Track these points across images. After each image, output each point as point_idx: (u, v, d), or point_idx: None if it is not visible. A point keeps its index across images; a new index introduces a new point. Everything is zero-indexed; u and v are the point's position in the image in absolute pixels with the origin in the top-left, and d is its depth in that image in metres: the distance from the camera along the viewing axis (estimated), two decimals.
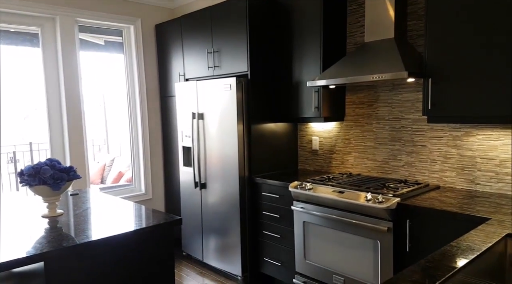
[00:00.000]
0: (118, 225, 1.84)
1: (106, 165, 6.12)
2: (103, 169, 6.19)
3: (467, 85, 2.09)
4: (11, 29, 3.50)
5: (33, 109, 3.59)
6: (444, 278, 1.16)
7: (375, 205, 2.18)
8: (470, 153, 2.40)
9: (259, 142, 3.19)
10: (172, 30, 3.89)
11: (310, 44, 2.93)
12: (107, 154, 6.93)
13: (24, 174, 1.99)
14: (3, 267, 1.42)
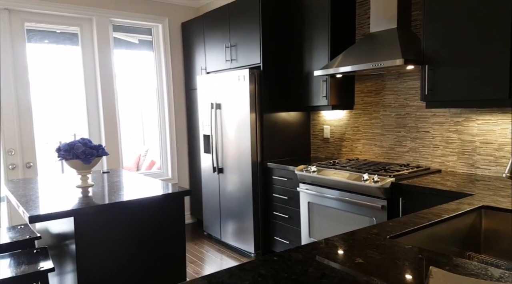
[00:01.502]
0: (138, 193, 2.13)
1: (141, 155, 6.58)
2: (138, 158, 6.66)
3: (461, 71, 2.20)
4: (57, 31, 3.92)
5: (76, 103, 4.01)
6: (398, 233, 1.33)
7: (371, 185, 2.33)
8: (470, 138, 2.49)
9: (271, 130, 3.40)
10: (196, 28, 4.18)
11: (319, 36, 3.10)
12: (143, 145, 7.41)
13: (61, 149, 2.33)
14: (45, 218, 1.74)
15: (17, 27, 3.59)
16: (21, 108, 3.63)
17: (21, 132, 3.65)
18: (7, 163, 3.59)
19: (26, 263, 1.99)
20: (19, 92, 3.61)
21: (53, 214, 1.75)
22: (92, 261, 1.93)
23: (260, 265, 1.05)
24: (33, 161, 3.72)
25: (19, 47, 3.61)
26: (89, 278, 1.93)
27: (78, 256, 1.89)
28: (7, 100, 3.55)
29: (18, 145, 3.63)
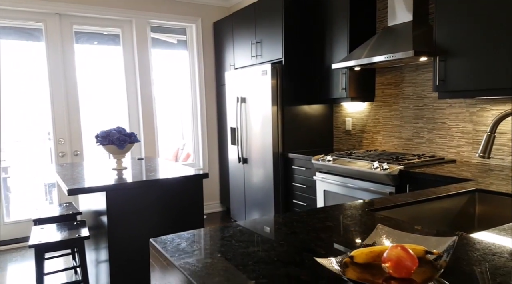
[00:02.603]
0: (163, 174, 2.38)
1: (179, 148, 7.04)
2: (177, 151, 7.13)
3: (471, 61, 2.23)
4: (105, 32, 4.32)
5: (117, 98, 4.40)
6: (378, 207, 1.46)
7: (380, 172, 2.43)
8: (484, 128, 2.50)
9: (293, 122, 3.54)
10: (226, 26, 4.41)
11: (339, 30, 3.21)
12: (181, 140, 7.89)
13: (99, 136, 2.64)
14: (80, 191, 2.03)
15: (66, 30, 4.01)
16: (70, 102, 4.06)
17: (70, 123, 4.07)
18: (57, 151, 4.03)
19: (68, 231, 2.31)
20: (68, 88, 4.03)
21: (87, 188, 2.04)
22: (121, 232, 2.20)
23: (280, 218, 1.24)
24: (80, 150, 4.14)
25: (68, 48, 4.02)
26: (118, 247, 2.20)
27: (109, 227, 2.17)
28: (58, 95, 3.98)
29: (67, 135, 4.06)
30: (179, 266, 0.96)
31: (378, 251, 0.89)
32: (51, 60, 3.94)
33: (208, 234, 1.19)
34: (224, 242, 1.12)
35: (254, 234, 1.18)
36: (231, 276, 0.89)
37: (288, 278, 0.87)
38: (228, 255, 1.02)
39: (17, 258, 3.57)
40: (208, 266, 0.95)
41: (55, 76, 3.96)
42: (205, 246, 1.09)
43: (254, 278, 0.88)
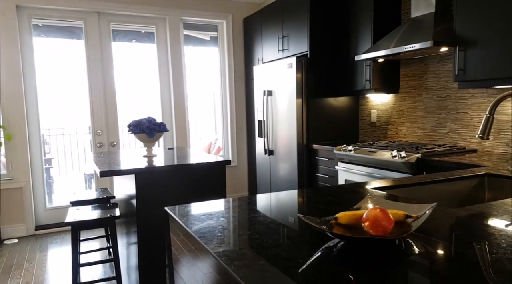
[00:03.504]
0: (189, 161, 2.54)
1: (212, 143, 7.30)
2: (209, 145, 7.41)
3: (490, 50, 2.22)
4: (142, 31, 4.57)
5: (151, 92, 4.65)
6: (383, 186, 1.53)
7: (397, 160, 2.46)
8: (505, 118, 2.47)
9: (317, 114, 3.61)
10: (255, 22, 4.53)
11: (363, 22, 3.24)
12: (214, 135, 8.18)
13: (131, 125, 2.85)
14: (111, 173, 2.23)
15: (104, 27, 4.29)
16: (107, 96, 4.34)
17: (107, 116, 4.36)
18: (95, 141, 4.33)
19: (101, 211, 2.53)
20: (105, 83, 4.32)
21: (117, 170, 2.24)
22: (148, 214, 2.38)
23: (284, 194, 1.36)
24: (116, 141, 4.42)
25: (106, 45, 4.30)
26: (146, 229, 2.39)
27: (138, 210, 2.35)
28: (96, 89, 4.27)
29: (104, 127, 4.35)
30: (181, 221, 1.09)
31: (360, 214, 0.98)
32: (90, 56, 4.24)
33: (216, 204, 1.32)
34: (229, 210, 1.24)
35: (256, 204, 1.30)
36: (229, 234, 1.01)
37: (277, 234, 0.98)
38: (230, 218, 1.14)
39: (57, 241, 3.89)
40: (211, 227, 1.08)
41: (93, 72, 4.25)
42: (211, 213, 1.22)
43: (248, 234, 1.00)
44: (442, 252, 0.85)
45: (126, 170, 2.26)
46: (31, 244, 3.79)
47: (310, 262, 0.80)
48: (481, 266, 0.76)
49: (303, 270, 0.76)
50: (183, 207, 1.31)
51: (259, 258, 0.83)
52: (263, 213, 1.19)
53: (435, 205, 0.98)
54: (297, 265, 0.78)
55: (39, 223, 4.17)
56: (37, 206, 4.16)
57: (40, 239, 3.95)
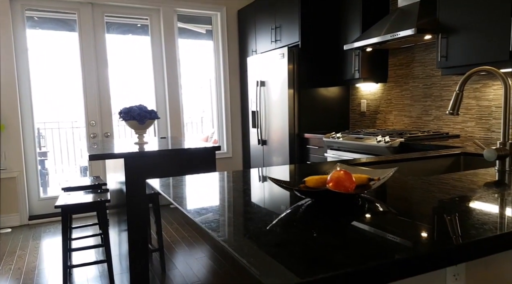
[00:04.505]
0: (180, 146, 2.59)
1: (208, 136, 7.41)
2: (206, 138, 7.52)
3: (470, 38, 2.27)
4: (138, 24, 4.60)
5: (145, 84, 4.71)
6: (365, 162, 1.58)
7: (382, 144, 2.52)
8: (487, 103, 2.53)
9: (309, 104, 3.66)
10: (249, 13, 4.58)
11: (352, 12, 3.29)
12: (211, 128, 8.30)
13: (122, 112, 2.89)
14: (100, 157, 2.28)
15: (98, 19, 4.32)
16: (101, 87, 4.38)
17: (101, 107, 4.40)
18: (89, 132, 4.37)
19: (92, 196, 2.58)
20: (99, 74, 4.36)
21: (106, 154, 2.28)
22: (138, 199, 2.43)
23: (264, 169, 1.41)
24: (110, 132, 4.46)
25: (100, 36, 4.34)
26: (136, 213, 2.44)
27: (128, 195, 2.40)
28: (90, 80, 4.31)
29: (98, 118, 4.39)
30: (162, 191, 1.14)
31: (326, 178, 1.04)
32: (84, 48, 4.27)
33: (197, 177, 1.38)
34: (207, 184, 1.30)
35: (231, 177, 1.36)
36: (201, 199, 1.07)
37: (249, 195, 1.04)
38: (207, 190, 1.20)
39: (50, 230, 3.94)
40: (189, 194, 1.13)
41: (87, 63, 4.29)
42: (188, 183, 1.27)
43: (225, 198, 1.05)
44: (397, 206, 0.90)
45: (115, 154, 2.31)
46: (24, 233, 3.84)
47: (279, 218, 0.85)
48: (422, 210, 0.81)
49: (272, 226, 0.81)
50: (164, 179, 1.36)
51: (237, 219, 0.88)
52: (240, 182, 1.24)
53: (396, 169, 1.04)
54: (271, 221, 0.84)
55: (33, 213, 4.22)
56: (31, 196, 4.21)
57: (34, 228, 4.00)
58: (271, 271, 0.54)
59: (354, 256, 0.58)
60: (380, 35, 2.75)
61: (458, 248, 0.65)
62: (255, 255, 0.61)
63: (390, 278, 0.57)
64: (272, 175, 1.33)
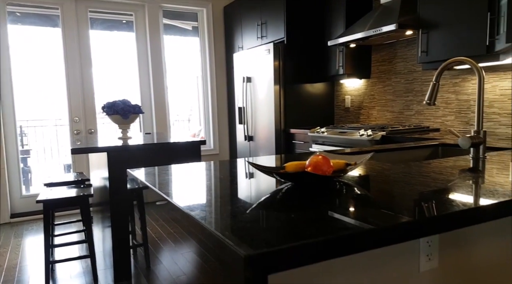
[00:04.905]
0: (164, 141, 2.59)
1: (196, 134, 7.42)
2: (193, 136, 7.52)
3: (449, 33, 2.33)
4: (123, 20, 4.55)
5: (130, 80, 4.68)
6: (344, 152, 1.61)
7: (365, 138, 2.56)
8: (465, 97, 2.59)
9: (294, 100, 3.69)
10: (235, 9, 4.58)
11: (337, 9, 3.33)
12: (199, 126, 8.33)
13: (105, 106, 2.87)
14: (82, 151, 2.26)
15: (82, 14, 4.27)
16: (85, 83, 4.33)
17: (85, 103, 4.35)
18: (72, 128, 4.32)
19: (75, 191, 2.55)
20: (83, 70, 4.31)
21: (88, 148, 2.27)
22: (121, 194, 2.42)
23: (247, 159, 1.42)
24: (94, 128, 4.42)
25: (84, 32, 4.29)
26: (119, 209, 2.43)
27: (111, 188, 2.39)
28: (73, 76, 4.26)
29: (82, 114, 4.34)
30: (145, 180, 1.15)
31: (305, 163, 1.06)
32: (67, 44, 4.21)
33: (179, 166, 1.38)
34: (190, 172, 1.30)
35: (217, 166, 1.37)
36: (183, 186, 1.08)
37: (232, 183, 1.05)
38: (189, 177, 1.20)
39: (33, 228, 3.88)
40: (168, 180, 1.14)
41: (71, 59, 4.24)
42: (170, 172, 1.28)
43: (211, 186, 1.06)
44: (373, 189, 0.93)
45: (98, 147, 2.30)
46: (5, 231, 3.77)
47: (258, 201, 0.87)
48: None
49: (250, 207, 0.83)
50: (145, 168, 1.36)
51: (216, 201, 0.90)
52: (226, 170, 1.25)
53: (372, 154, 1.07)
54: (251, 203, 0.85)
55: (15, 211, 4.15)
56: (13, 194, 4.13)
57: (16, 226, 3.94)
58: (245, 242, 0.55)
59: (326, 229, 0.60)
60: (364, 31, 2.79)
61: (427, 221, 0.68)
62: (231, 230, 0.62)
63: (361, 247, 0.59)
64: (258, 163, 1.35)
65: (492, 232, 1.04)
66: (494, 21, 2.02)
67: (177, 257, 1.23)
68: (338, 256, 0.56)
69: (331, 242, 0.56)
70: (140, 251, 3.11)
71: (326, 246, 0.55)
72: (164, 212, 2.39)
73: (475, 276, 1.03)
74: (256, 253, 0.51)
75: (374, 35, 2.72)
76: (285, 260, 0.52)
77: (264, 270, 0.51)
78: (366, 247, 0.59)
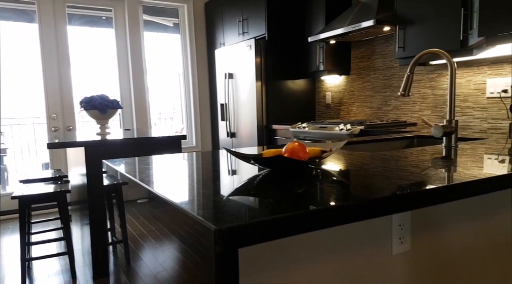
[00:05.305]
0: (143, 135, 2.56)
1: (178, 132, 7.36)
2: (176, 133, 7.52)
3: (425, 28, 2.38)
4: (103, 16, 4.48)
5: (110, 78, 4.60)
6: None
7: (344, 132, 2.60)
8: (441, 92, 2.66)
9: (277, 97, 3.71)
10: (216, 6, 4.57)
11: (317, 5, 3.36)
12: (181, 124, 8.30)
13: (83, 102, 2.82)
14: (59, 146, 2.22)
15: (59, 10, 4.18)
16: (62, 80, 4.24)
17: (62, 100, 4.26)
18: (50, 125, 4.23)
19: (53, 187, 2.50)
20: (61, 67, 4.22)
21: (64, 142, 2.23)
22: (99, 189, 2.39)
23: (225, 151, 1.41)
24: (72, 125, 4.34)
25: (61, 28, 4.20)
26: (97, 205, 2.39)
27: (89, 184, 2.35)
28: (51, 72, 4.17)
29: (59, 111, 4.25)
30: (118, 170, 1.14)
31: (282, 150, 1.07)
32: (44, 39, 4.12)
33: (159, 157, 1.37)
34: (171, 163, 1.30)
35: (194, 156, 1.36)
36: (161, 175, 1.07)
37: (214, 171, 1.05)
38: (169, 168, 1.20)
39: (9, 227, 3.79)
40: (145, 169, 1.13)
41: (48, 55, 4.15)
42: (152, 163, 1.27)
43: (190, 174, 1.06)
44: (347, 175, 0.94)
45: (75, 142, 2.26)
46: None
47: (236, 187, 0.87)
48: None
49: (227, 192, 0.83)
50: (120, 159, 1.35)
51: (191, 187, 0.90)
52: (206, 161, 1.25)
53: (346, 142, 1.09)
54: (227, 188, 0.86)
55: None
56: None
57: None
58: (217, 219, 0.56)
59: (296, 206, 0.61)
60: (343, 27, 2.83)
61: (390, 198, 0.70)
62: (205, 209, 0.62)
63: (329, 223, 0.60)
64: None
65: (463, 216, 1.08)
66: (468, 16, 2.08)
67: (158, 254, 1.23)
68: (307, 230, 0.57)
69: (300, 217, 0.57)
70: (120, 248, 3.07)
71: (295, 221, 0.56)
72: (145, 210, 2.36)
73: (447, 258, 1.06)
74: (226, 226, 0.51)
75: (353, 31, 2.75)
76: (255, 234, 0.53)
77: (235, 244, 0.52)
78: (334, 223, 0.61)
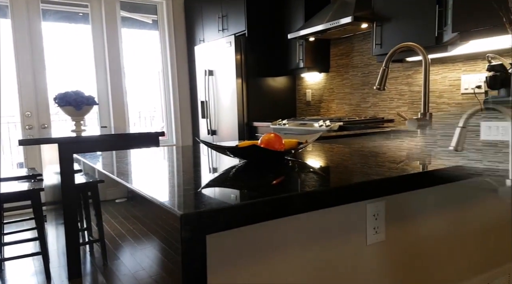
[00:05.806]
0: (119, 132, 2.51)
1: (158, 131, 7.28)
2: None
3: (401, 24, 2.42)
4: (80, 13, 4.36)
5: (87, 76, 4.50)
6: None
7: (323, 128, 2.61)
8: (418, 88, 2.71)
9: (257, 94, 3.70)
10: (195, 2, 4.52)
11: (296, 3, 3.37)
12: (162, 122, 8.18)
13: (57, 98, 2.75)
14: (32, 142, 2.15)
15: (33, 5, 4.06)
16: (37, 77, 4.12)
17: (37, 97, 4.14)
18: (24, 123, 4.10)
19: (27, 185, 2.42)
20: (34, 63, 4.10)
21: (37, 139, 2.16)
22: (74, 186, 2.32)
23: None
24: (47, 123, 4.22)
25: (35, 24, 4.08)
26: (71, 205, 2.33)
27: (63, 182, 2.29)
28: (24, 69, 4.04)
29: (34, 108, 4.13)
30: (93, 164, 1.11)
31: (257, 142, 1.06)
32: (17, 35, 3.99)
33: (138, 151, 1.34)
34: (147, 157, 1.27)
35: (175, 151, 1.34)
36: (133, 168, 1.05)
37: (189, 163, 1.03)
38: (144, 162, 1.17)
39: None
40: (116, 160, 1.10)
41: (21, 51, 4.02)
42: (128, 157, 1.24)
43: (165, 166, 1.04)
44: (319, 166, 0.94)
45: (48, 138, 2.19)
46: None
47: (211, 178, 0.86)
48: None
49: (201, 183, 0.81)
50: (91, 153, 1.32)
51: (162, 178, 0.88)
52: (186, 155, 1.23)
53: (320, 134, 1.09)
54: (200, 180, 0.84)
55: None
56: None
57: None
58: (186, 207, 0.54)
59: (267, 193, 0.60)
60: (322, 24, 2.84)
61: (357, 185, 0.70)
62: (173, 197, 0.61)
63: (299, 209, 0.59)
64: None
65: (436, 206, 1.09)
66: (442, 13, 2.12)
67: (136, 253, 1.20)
68: (276, 217, 0.56)
69: (268, 202, 0.56)
70: (97, 248, 3.00)
71: (264, 206, 0.55)
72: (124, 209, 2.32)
73: (421, 248, 1.07)
74: (193, 212, 0.50)
75: (331, 27, 2.77)
76: (223, 220, 0.52)
77: (202, 230, 0.50)
78: (304, 209, 0.60)
